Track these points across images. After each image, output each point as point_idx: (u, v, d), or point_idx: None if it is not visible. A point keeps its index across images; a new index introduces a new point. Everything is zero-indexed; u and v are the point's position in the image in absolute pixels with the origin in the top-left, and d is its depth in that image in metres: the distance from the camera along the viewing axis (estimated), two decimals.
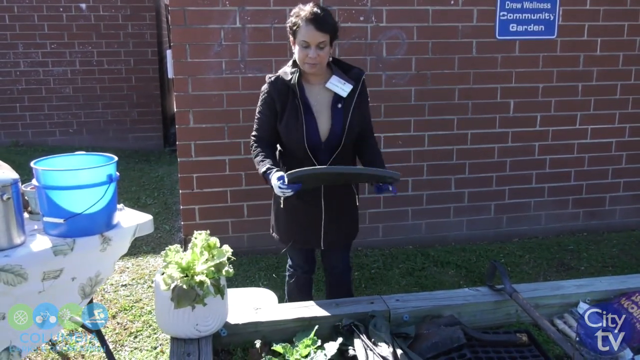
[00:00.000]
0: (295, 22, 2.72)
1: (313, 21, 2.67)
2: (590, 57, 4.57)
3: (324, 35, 2.68)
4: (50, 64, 7.42)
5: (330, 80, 2.83)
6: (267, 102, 2.87)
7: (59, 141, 7.62)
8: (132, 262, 4.26)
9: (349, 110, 2.83)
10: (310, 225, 2.96)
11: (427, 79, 4.36)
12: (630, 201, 4.98)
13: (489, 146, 4.58)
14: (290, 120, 2.80)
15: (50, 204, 2.33)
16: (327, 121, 2.83)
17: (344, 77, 2.85)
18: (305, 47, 2.70)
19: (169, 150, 7.69)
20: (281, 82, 2.83)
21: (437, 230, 4.67)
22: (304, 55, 2.72)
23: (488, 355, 2.78)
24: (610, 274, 4.04)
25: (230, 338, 2.76)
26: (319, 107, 2.83)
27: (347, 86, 2.82)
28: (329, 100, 2.84)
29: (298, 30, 2.71)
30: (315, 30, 2.67)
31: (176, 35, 4.01)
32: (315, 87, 2.85)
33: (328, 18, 2.72)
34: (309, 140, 2.78)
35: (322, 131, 2.83)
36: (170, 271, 2.53)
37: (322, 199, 2.91)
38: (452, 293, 3.27)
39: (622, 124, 4.78)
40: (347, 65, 2.93)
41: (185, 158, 4.16)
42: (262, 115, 2.88)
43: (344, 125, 2.82)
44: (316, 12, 2.69)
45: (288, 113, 2.81)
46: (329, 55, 2.80)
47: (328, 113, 2.84)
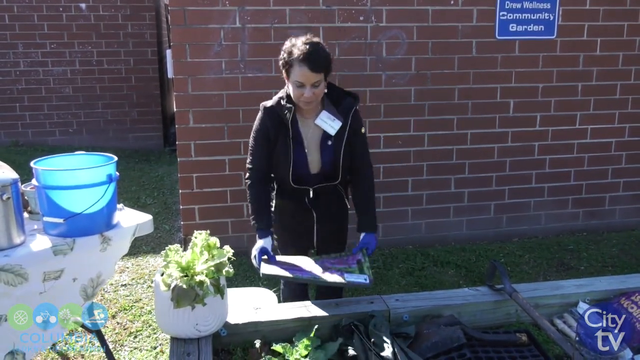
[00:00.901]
0: (288, 60, 2.63)
1: (307, 62, 2.57)
2: (590, 57, 4.57)
3: (318, 75, 2.61)
4: (50, 64, 7.42)
5: (320, 117, 2.77)
6: (262, 131, 2.82)
7: (59, 141, 7.62)
8: (132, 262, 4.26)
9: (339, 147, 2.80)
10: (302, 231, 2.99)
11: (427, 79, 4.36)
12: (630, 201, 4.98)
13: (489, 146, 4.58)
14: (280, 154, 2.79)
15: (50, 203, 2.33)
16: (317, 157, 2.82)
17: (333, 112, 2.78)
18: (300, 86, 2.62)
19: (169, 150, 7.69)
20: (276, 113, 2.77)
21: (437, 230, 4.67)
22: (299, 94, 2.64)
23: (488, 355, 2.78)
24: (610, 273, 4.05)
25: (230, 338, 2.76)
26: (310, 142, 2.81)
27: (336, 123, 2.76)
28: (319, 136, 2.81)
29: (291, 69, 2.62)
30: (309, 71, 2.57)
31: (176, 35, 4.01)
32: (309, 121, 2.81)
33: (321, 56, 2.62)
34: (297, 173, 2.80)
35: (312, 165, 2.83)
36: (170, 271, 2.53)
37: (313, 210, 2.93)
38: (452, 293, 3.27)
39: (621, 123, 4.78)
40: (341, 93, 2.84)
41: (185, 158, 4.16)
42: (256, 144, 2.84)
43: (334, 163, 2.82)
44: (309, 52, 2.58)
45: (279, 146, 2.79)
46: (324, 89, 2.73)
47: (318, 149, 2.82)
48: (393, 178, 4.48)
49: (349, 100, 2.81)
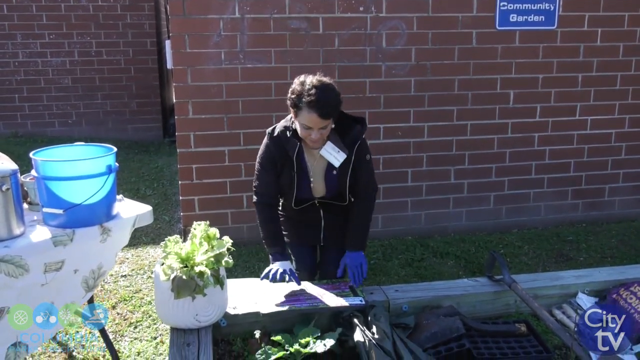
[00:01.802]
0: (297, 103, 2.59)
1: (316, 109, 2.54)
2: (591, 47, 4.55)
3: (327, 121, 2.59)
4: (49, 55, 7.39)
5: (325, 147, 2.75)
6: (267, 157, 2.83)
7: (58, 132, 7.61)
8: (132, 252, 4.27)
9: (345, 178, 2.82)
10: (310, 227, 3.03)
11: (427, 70, 4.35)
12: (629, 192, 4.98)
13: (489, 137, 4.58)
14: (285, 182, 2.82)
15: (49, 194, 2.33)
16: (322, 185, 2.86)
17: (339, 144, 2.75)
18: (307, 129, 2.62)
19: (169, 141, 7.68)
20: (282, 144, 2.76)
21: (436, 221, 4.67)
22: (306, 135, 2.65)
23: (487, 345, 2.79)
24: (609, 264, 4.05)
25: (230, 328, 2.77)
26: (315, 172, 2.84)
27: (340, 155, 2.74)
28: (324, 166, 2.83)
29: (299, 112, 2.60)
30: (318, 117, 2.56)
31: (175, 26, 4.00)
32: (314, 151, 2.81)
33: (331, 101, 2.58)
34: (298, 199, 2.85)
35: (317, 191, 2.87)
36: (170, 262, 2.53)
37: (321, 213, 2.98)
38: (452, 284, 3.29)
39: (622, 114, 4.77)
40: (348, 122, 2.80)
41: (184, 149, 4.16)
42: (262, 169, 2.86)
43: (339, 191, 2.86)
44: (319, 98, 2.53)
45: (284, 176, 2.81)
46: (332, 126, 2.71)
47: (322, 178, 2.84)
48: (392, 169, 4.48)
49: (356, 130, 2.78)
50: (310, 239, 3.08)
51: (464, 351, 2.69)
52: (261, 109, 4.14)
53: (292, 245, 3.09)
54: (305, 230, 3.04)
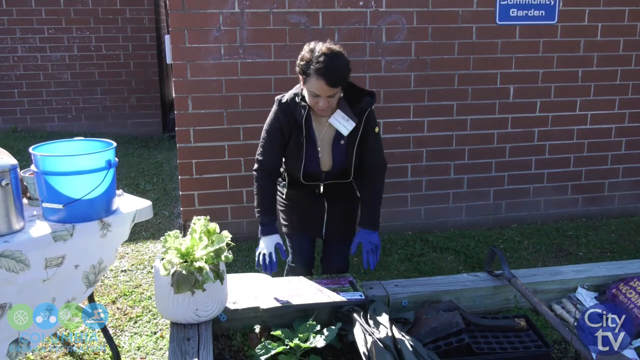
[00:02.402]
0: (305, 70, 2.57)
1: (324, 76, 2.51)
2: (591, 42, 4.55)
3: (335, 89, 2.57)
4: (48, 50, 7.38)
5: (334, 116, 2.73)
6: (275, 126, 2.78)
7: (58, 127, 7.61)
8: (132, 247, 4.27)
9: (352, 147, 2.78)
10: (313, 218, 2.99)
11: (427, 65, 4.34)
12: (629, 187, 4.98)
13: (489, 132, 4.58)
14: (292, 151, 2.78)
15: (49, 189, 2.33)
16: (329, 156, 2.81)
17: (348, 112, 2.73)
18: (315, 96, 2.59)
19: (168, 136, 7.68)
20: (290, 110, 2.73)
21: (436, 216, 4.67)
22: (314, 103, 2.62)
23: (486, 340, 2.79)
24: (608, 259, 4.06)
25: (230, 323, 2.78)
26: (323, 141, 2.79)
27: (349, 123, 2.72)
28: (332, 136, 2.79)
29: (307, 79, 2.57)
30: (326, 85, 2.53)
31: (174, 20, 3.99)
32: (323, 119, 2.78)
33: (340, 69, 2.55)
34: (305, 172, 2.80)
35: (324, 163, 2.82)
36: (170, 257, 2.53)
37: (324, 200, 2.94)
38: (451, 278, 3.29)
39: (622, 109, 4.77)
40: (358, 92, 2.79)
41: (184, 144, 4.16)
42: (269, 137, 2.81)
43: (346, 162, 2.81)
44: (328, 65, 2.51)
45: (292, 143, 2.77)
46: (340, 96, 2.69)
47: (330, 148, 2.80)
48: (392, 164, 4.46)
49: (365, 101, 2.76)
50: (312, 230, 3.05)
51: (464, 346, 2.70)
52: (261, 104, 4.13)
53: (291, 236, 3.07)
54: (308, 221, 3.02)
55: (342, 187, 2.96)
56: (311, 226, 3.03)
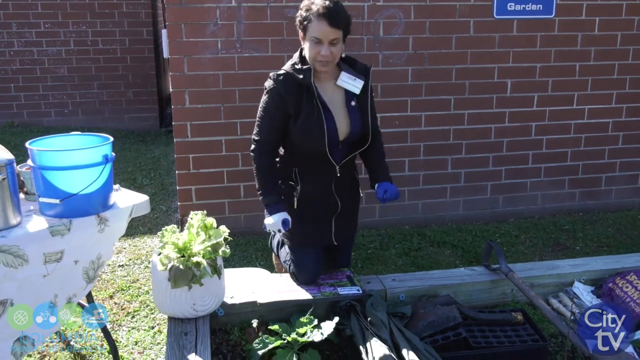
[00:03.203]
0: (306, 16, 2.54)
1: (326, 16, 2.50)
2: (589, 36, 4.55)
3: (337, 31, 2.54)
4: (44, 44, 7.35)
5: (341, 77, 2.70)
6: (275, 103, 2.69)
7: (55, 122, 7.59)
8: (129, 242, 4.27)
9: (366, 108, 2.73)
10: (322, 223, 2.91)
11: (424, 59, 4.34)
12: (626, 181, 4.99)
13: (486, 126, 4.58)
14: (308, 121, 2.65)
15: (46, 184, 2.32)
16: (345, 120, 2.73)
17: (352, 72, 2.71)
18: (317, 43, 2.55)
19: (165, 131, 7.67)
20: (292, 80, 2.65)
21: (433, 211, 4.68)
22: (316, 52, 2.57)
23: (483, 334, 2.81)
24: (605, 253, 4.07)
25: (228, 318, 2.78)
26: (334, 106, 2.71)
27: (358, 82, 2.70)
28: (342, 99, 2.73)
29: (309, 25, 2.54)
30: (328, 26, 2.51)
31: (171, 14, 3.97)
32: (327, 85, 2.72)
33: (341, 12, 2.56)
34: (330, 140, 2.68)
35: (341, 130, 2.73)
36: (167, 251, 2.54)
37: (335, 194, 2.87)
38: (449, 273, 3.30)
39: (619, 104, 4.77)
40: (351, 59, 2.80)
41: (181, 138, 4.15)
42: (269, 117, 2.72)
43: (364, 124, 2.74)
44: (329, 6, 2.52)
45: (305, 114, 2.65)
46: (342, 51, 2.67)
47: (344, 112, 2.72)
48: (390, 158, 4.42)
49: (362, 63, 2.79)
50: (319, 239, 2.94)
51: (461, 340, 2.71)
52: (258, 99, 4.07)
53: (294, 250, 2.97)
54: (315, 230, 2.90)
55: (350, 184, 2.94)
56: (319, 234, 2.93)
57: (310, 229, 2.88)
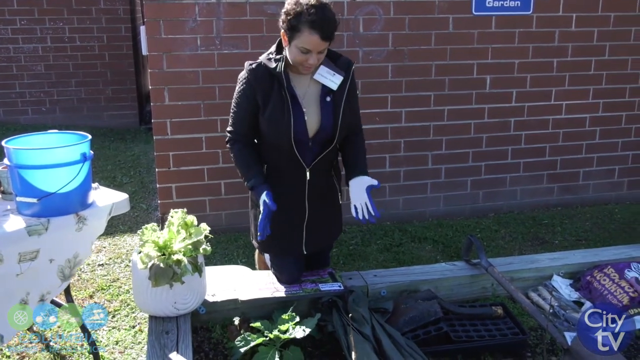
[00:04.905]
0: (295, 25, 2.41)
1: (317, 29, 2.38)
2: (566, 32, 4.59)
3: (327, 43, 2.45)
4: (20, 41, 7.24)
5: (319, 71, 2.58)
6: (245, 93, 2.61)
7: (32, 120, 7.48)
8: (109, 241, 4.23)
9: (339, 105, 2.60)
10: (291, 229, 2.78)
11: (404, 55, 4.35)
12: (603, 176, 5.06)
13: (466, 122, 4.61)
14: (275, 113, 2.55)
15: (23, 183, 2.29)
16: (316, 116, 2.61)
17: (332, 67, 2.61)
18: (305, 53, 2.44)
19: (145, 129, 7.60)
20: (263, 70, 2.56)
21: (414, 206, 4.70)
22: (303, 59, 2.46)
23: (464, 328, 2.83)
24: (583, 247, 4.12)
25: (209, 315, 2.77)
26: (307, 100, 2.61)
27: (336, 77, 2.58)
28: (317, 93, 2.62)
29: (297, 35, 2.42)
30: (319, 39, 2.39)
31: (150, 11, 3.94)
32: (302, 78, 2.61)
33: (332, 22, 2.43)
34: (296, 134, 2.57)
35: (310, 126, 2.61)
36: (147, 250, 2.52)
37: (306, 200, 2.74)
38: (429, 268, 3.32)
39: (595, 99, 4.83)
40: (335, 53, 2.68)
41: (161, 136, 4.12)
42: (239, 108, 2.64)
43: (335, 122, 2.61)
44: (321, 18, 2.38)
45: (272, 105, 2.56)
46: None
47: (316, 107, 2.61)
48: (370, 155, 4.43)
49: (345, 58, 2.67)
50: (293, 245, 2.82)
51: (442, 334, 2.73)
52: None
53: (275, 256, 2.92)
54: (284, 235, 2.77)
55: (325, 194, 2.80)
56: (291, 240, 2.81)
57: (279, 234, 2.71)
